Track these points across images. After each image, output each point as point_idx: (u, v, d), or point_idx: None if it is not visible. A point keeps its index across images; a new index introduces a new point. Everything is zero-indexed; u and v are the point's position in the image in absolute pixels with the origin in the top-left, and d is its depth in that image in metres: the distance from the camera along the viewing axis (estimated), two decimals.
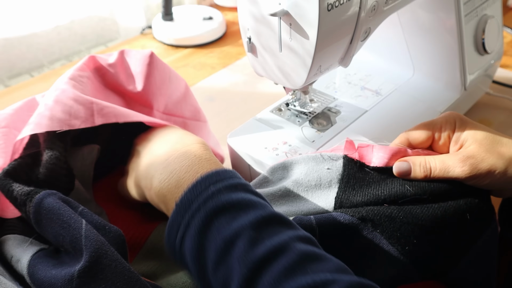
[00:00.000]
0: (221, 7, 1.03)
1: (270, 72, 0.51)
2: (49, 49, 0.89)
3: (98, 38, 0.96)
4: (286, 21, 0.44)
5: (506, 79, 0.78)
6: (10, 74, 0.85)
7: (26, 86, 0.78)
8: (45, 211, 0.37)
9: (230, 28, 0.97)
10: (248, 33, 0.49)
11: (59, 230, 0.37)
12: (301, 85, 0.49)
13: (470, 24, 0.63)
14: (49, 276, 0.35)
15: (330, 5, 0.41)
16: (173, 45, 0.91)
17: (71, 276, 0.34)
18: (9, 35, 0.82)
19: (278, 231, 0.33)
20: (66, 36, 0.90)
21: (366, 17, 0.46)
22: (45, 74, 0.81)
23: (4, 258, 0.40)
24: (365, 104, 0.63)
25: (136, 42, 0.92)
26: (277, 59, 0.48)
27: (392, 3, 0.49)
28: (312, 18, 0.42)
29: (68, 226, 0.36)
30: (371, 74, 0.69)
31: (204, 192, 0.35)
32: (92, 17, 0.92)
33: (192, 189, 0.36)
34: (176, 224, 0.35)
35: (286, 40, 0.45)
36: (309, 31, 0.43)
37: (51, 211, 0.37)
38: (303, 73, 0.47)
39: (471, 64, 0.65)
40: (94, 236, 0.35)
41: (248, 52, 0.51)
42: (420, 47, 0.66)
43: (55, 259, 0.38)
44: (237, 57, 0.88)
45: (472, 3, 0.63)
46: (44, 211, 0.37)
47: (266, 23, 0.46)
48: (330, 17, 0.42)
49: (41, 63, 0.89)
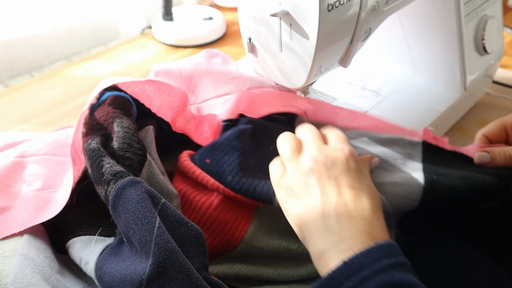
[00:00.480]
0: (221, 7, 1.03)
1: (270, 72, 0.51)
2: (49, 49, 0.89)
3: (98, 38, 0.96)
4: (287, 21, 0.44)
5: (506, 79, 0.78)
6: (10, 74, 0.85)
7: (26, 86, 0.78)
8: (124, 199, 0.37)
9: (230, 28, 0.97)
10: (249, 33, 0.49)
11: (132, 224, 0.36)
12: (301, 86, 0.49)
13: (470, 24, 0.63)
14: (117, 280, 0.35)
15: (330, 6, 0.41)
16: (173, 45, 0.91)
17: (140, 284, 0.34)
18: (9, 36, 0.82)
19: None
20: (66, 36, 0.90)
21: (366, 18, 0.46)
22: (45, 74, 0.81)
23: (74, 261, 0.40)
24: (365, 104, 0.63)
25: (136, 42, 0.92)
26: (277, 60, 0.48)
27: (392, 3, 0.49)
28: (312, 18, 0.42)
29: (141, 224, 0.36)
30: (371, 74, 0.69)
31: (377, 262, 0.34)
32: (92, 18, 0.92)
33: (365, 254, 0.35)
34: (335, 281, 0.34)
35: (286, 40, 0.45)
36: (309, 32, 0.43)
37: (130, 202, 0.37)
38: (303, 73, 0.47)
39: (471, 64, 0.65)
40: (163, 244, 0.35)
41: (248, 52, 0.51)
42: (420, 47, 0.66)
43: (118, 256, 0.38)
44: (237, 57, 0.88)
45: (472, 4, 0.63)
46: (124, 198, 0.37)
47: (267, 23, 0.46)
48: (330, 17, 0.42)
49: (41, 63, 0.89)
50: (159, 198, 0.39)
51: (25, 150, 0.48)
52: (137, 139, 0.44)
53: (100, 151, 0.41)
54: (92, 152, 0.41)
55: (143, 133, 0.49)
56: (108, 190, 0.39)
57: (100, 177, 0.40)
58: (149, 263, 0.34)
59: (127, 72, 0.82)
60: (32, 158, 0.47)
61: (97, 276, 0.37)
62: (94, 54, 0.88)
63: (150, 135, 0.49)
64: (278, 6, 0.43)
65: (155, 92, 0.51)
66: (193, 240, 0.38)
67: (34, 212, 0.43)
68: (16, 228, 0.41)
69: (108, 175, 0.39)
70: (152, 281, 0.34)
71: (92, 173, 0.41)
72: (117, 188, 0.38)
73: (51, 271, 0.39)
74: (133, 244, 0.37)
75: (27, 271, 0.37)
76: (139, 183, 0.38)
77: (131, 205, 0.37)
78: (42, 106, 0.73)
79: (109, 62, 0.85)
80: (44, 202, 0.44)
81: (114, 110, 0.46)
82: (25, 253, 0.39)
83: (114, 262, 0.37)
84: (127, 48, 0.90)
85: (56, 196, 0.45)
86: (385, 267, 0.34)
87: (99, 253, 0.39)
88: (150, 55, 0.88)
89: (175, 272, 0.34)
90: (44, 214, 0.43)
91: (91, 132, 0.45)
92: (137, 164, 0.43)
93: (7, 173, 0.45)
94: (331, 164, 0.41)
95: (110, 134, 0.45)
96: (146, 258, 0.35)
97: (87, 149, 0.42)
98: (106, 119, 0.46)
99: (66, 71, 0.82)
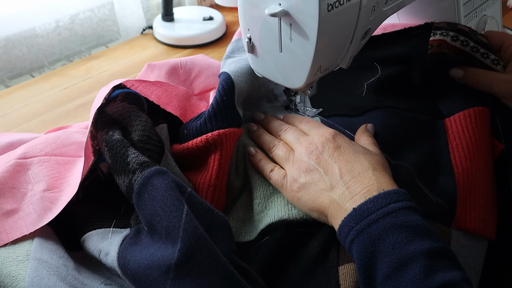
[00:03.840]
0: (221, 8, 1.03)
1: (270, 72, 0.51)
2: (49, 50, 0.89)
3: (99, 38, 0.96)
4: (286, 21, 0.44)
5: None
6: (11, 74, 0.86)
7: (27, 86, 0.78)
8: (151, 186, 0.38)
9: (230, 28, 0.97)
10: (248, 33, 0.49)
11: (158, 211, 0.37)
12: (301, 86, 0.49)
13: (470, 24, 0.63)
14: (143, 266, 0.36)
15: (330, 6, 0.41)
16: (173, 45, 0.91)
17: (168, 268, 0.35)
18: (10, 36, 0.82)
19: (450, 267, 0.35)
20: (67, 36, 0.90)
21: (366, 18, 0.46)
22: (46, 75, 0.81)
23: (91, 255, 0.41)
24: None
25: (136, 42, 0.93)
26: (277, 60, 0.48)
27: (392, 3, 0.49)
28: (312, 18, 0.42)
29: (169, 211, 0.37)
30: None
31: (384, 207, 0.38)
32: (92, 18, 0.93)
33: (373, 201, 0.39)
34: (347, 227, 0.39)
35: (286, 40, 0.46)
36: (309, 32, 0.43)
37: (157, 190, 0.38)
38: (303, 73, 0.47)
39: None
40: (192, 229, 0.36)
41: (248, 52, 0.51)
42: None
43: (139, 245, 0.39)
44: None
45: (472, 4, 0.63)
46: (151, 186, 0.38)
47: (266, 23, 0.46)
48: (330, 17, 0.42)
49: (42, 63, 0.89)
50: (185, 187, 0.40)
51: (26, 152, 0.48)
52: (155, 132, 0.46)
53: (124, 142, 0.42)
54: (117, 142, 0.42)
55: (159, 130, 0.50)
56: (133, 179, 0.40)
57: (124, 166, 0.41)
58: (177, 247, 0.35)
59: (127, 73, 0.82)
60: (34, 160, 0.48)
61: (121, 265, 0.38)
62: (95, 55, 0.88)
63: (165, 132, 0.50)
64: (278, 7, 0.43)
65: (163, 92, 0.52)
66: (220, 226, 0.39)
67: (43, 213, 0.43)
68: (27, 230, 0.42)
69: (134, 164, 0.40)
70: (180, 265, 0.35)
71: (113, 163, 0.42)
72: (144, 176, 0.39)
73: (67, 270, 0.39)
74: (157, 232, 0.38)
75: (43, 274, 0.37)
76: (166, 173, 0.40)
77: (159, 193, 0.38)
78: (42, 106, 0.73)
79: (109, 63, 0.85)
80: (51, 202, 0.44)
81: (129, 105, 0.47)
82: (39, 257, 0.39)
83: (137, 250, 0.38)
84: (127, 48, 0.90)
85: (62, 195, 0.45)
86: (391, 211, 0.37)
87: (120, 243, 0.40)
88: (150, 55, 0.88)
89: (203, 257, 0.35)
90: (52, 214, 0.43)
91: (105, 126, 0.45)
92: (157, 155, 0.44)
93: (11, 175, 0.46)
94: (322, 147, 0.45)
95: (126, 128, 0.46)
96: (173, 244, 0.36)
97: (109, 140, 0.43)
98: (122, 113, 0.46)
99: (66, 72, 0.82)
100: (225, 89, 0.50)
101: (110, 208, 0.45)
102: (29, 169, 0.47)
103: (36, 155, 0.48)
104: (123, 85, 0.50)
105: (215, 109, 0.49)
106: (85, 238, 0.42)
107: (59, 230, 0.44)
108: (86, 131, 0.56)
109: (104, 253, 0.40)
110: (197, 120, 0.50)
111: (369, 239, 0.37)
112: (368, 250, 0.37)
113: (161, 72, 0.58)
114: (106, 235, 0.41)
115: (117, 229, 0.42)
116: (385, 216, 0.37)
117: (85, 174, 0.46)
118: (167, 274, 0.35)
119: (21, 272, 0.38)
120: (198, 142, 0.48)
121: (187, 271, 0.35)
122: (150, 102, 0.52)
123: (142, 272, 0.36)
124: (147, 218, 0.38)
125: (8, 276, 0.37)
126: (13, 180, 0.45)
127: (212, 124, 0.48)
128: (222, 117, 0.48)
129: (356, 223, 0.38)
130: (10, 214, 0.43)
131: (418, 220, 0.37)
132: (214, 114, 0.48)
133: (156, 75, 0.58)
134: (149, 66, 0.59)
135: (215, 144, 0.47)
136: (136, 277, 0.37)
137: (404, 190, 0.40)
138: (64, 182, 0.47)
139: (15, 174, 0.46)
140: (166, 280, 0.35)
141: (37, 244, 0.41)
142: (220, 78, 0.52)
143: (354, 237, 0.38)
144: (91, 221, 0.43)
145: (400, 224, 0.37)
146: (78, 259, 0.42)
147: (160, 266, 0.35)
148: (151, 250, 0.37)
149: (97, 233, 0.42)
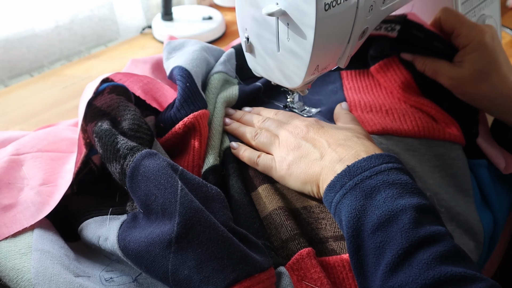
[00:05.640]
0: (220, 7, 1.03)
1: (268, 71, 0.51)
2: (49, 50, 0.89)
3: (98, 38, 0.96)
4: (284, 21, 0.44)
5: None
6: (10, 74, 0.86)
7: (26, 86, 0.78)
8: (144, 168, 0.40)
9: (230, 28, 0.97)
10: (246, 33, 0.49)
11: (153, 190, 0.38)
12: (299, 85, 0.49)
13: None
14: (144, 245, 0.37)
15: (327, 5, 0.41)
16: None
17: (169, 242, 0.36)
18: (9, 36, 0.82)
19: (436, 223, 0.38)
20: (66, 36, 0.90)
21: (364, 17, 0.46)
22: (45, 74, 0.82)
23: (90, 242, 0.42)
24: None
25: (136, 42, 0.93)
26: (275, 59, 0.48)
27: (389, 3, 0.50)
28: (309, 18, 0.42)
29: (164, 188, 0.38)
30: None
31: (377, 166, 0.40)
32: (92, 17, 0.93)
33: (367, 160, 0.41)
34: (340, 182, 0.41)
35: (283, 40, 0.46)
36: (307, 31, 0.43)
37: (150, 170, 0.39)
38: (300, 72, 0.47)
39: None
40: (188, 203, 0.37)
41: (246, 52, 0.51)
42: None
43: (137, 228, 0.40)
44: None
45: (470, 3, 0.63)
46: (143, 168, 0.40)
47: (264, 23, 0.46)
48: (328, 17, 0.42)
49: (41, 63, 0.89)
50: (177, 166, 0.41)
51: (18, 148, 0.49)
52: (144, 121, 0.47)
53: (112, 131, 0.43)
54: (106, 132, 0.43)
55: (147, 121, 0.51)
56: (125, 164, 0.41)
57: (115, 153, 0.42)
58: (175, 221, 0.36)
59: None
60: (27, 156, 0.48)
61: (122, 247, 0.39)
62: (94, 54, 0.88)
63: (153, 125, 0.52)
64: (275, 6, 0.43)
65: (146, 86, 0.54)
66: (215, 197, 0.41)
67: (41, 206, 0.44)
68: (27, 223, 0.42)
69: (125, 150, 0.41)
70: (181, 237, 0.36)
71: (104, 152, 0.43)
72: (136, 159, 0.40)
73: (69, 260, 0.40)
74: (153, 212, 0.39)
75: (47, 263, 0.38)
76: (156, 154, 0.41)
77: (152, 173, 0.39)
78: (42, 106, 0.73)
79: (109, 62, 0.85)
80: (48, 196, 0.45)
81: (117, 97, 0.49)
82: (41, 247, 0.40)
83: (136, 232, 0.39)
84: (127, 48, 0.90)
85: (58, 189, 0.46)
86: (384, 170, 0.40)
87: (118, 227, 0.41)
88: (149, 54, 0.88)
89: (202, 227, 0.36)
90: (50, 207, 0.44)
91: (95, 118, 0.46)
92: (148, 143, 0.45)
93: (6, 171, 0.46)
94: (307, 129, 0.48)
95: (115, 118, 0.46)
96: (170, 219, 0.37)
97: (99, 131, 0.44)
98: (110, 104, 0.47)
99: (66, 71, 0.82)
100: (184, 77, 0.53)
101: (106, 197, 0.47)
102: (23, 165, 0.47)
103: (28, 151, 0.49)
104: (110, 79, 0.51)
105: (183, 96, 0.51)
106: (83, 226, 0.43)
107: (54, 224, 0.45)
108: (74, 128, 0.57)
109: (104, 238, 0.41)
110: (169, 111, 0.52)
111: (362, 193, 0.39)
112: (360, 204, 0.38)
113: (145, 67, 0.59)
114: (104, 222, 0.42)
115: (114, 216, 0.43)
116: (378, 174, 0.40)
117: (78, 167, 0.47)
118: (169, 248, 0.36)
119: (25, 264, 0.38)
120: (177, 129, 0.50)
121: (188, 243, 0.36)
122: (136, 97, 0.54)
123: (144, 250, 0.37)
124: (142, 199, 0.39)
125: (13, 269, 0.38)
126: (8, 176, 0.46)
127: (185, 109, 0.50)
128: (192, 101, 0.51)
129: (349, 179, 0.40)
130: (8, 208, 0.43)
131: (408, 180, 0.40)
132: (184, 100, 0.51)
133: (140, 70, 0.59)
134: (133, 61, 0.61)
135: (193, 126, 0.50)
136: (138, 256, 0.38)
137: (395, 155, 0.42)
138: (59, 177, 0.47)
139: (10, 170, 0.46)
140: (168, 254, 0.36)
141: (37, 235, 0.41)
142: (173, 73, 0.55)
143: (346, 191, 0.40)
144: (88, 210, 0.44)
145: (392, 182, 0.39)
146: (76, 250, 0.43)
147: (161, 241, 0.36)
148: (150, 229, 0.38)
149: (95, 220, 0.43)
